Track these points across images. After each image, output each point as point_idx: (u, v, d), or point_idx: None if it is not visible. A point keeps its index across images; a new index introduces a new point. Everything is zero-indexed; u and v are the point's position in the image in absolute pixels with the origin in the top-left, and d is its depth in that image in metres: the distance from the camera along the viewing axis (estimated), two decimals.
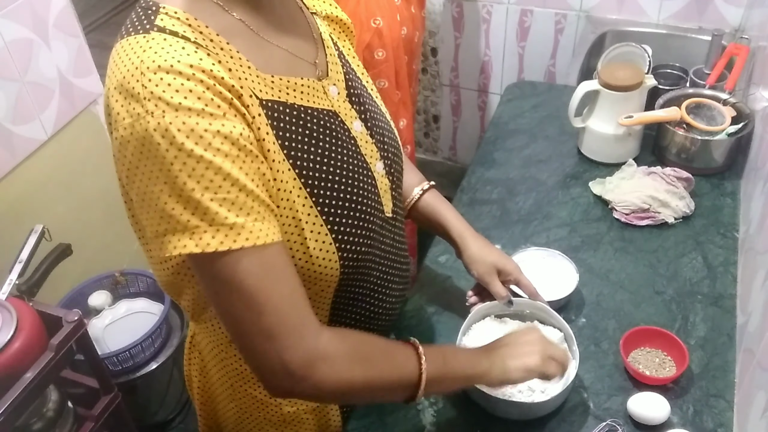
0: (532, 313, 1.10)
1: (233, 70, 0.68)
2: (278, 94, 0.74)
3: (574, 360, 1.01)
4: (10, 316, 1.28)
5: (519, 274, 1.08)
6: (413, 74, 1.91)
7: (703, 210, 1.39)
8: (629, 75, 1.44)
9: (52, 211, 1.79)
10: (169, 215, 0.65)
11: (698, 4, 1.94)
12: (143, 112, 0.62)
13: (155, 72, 0.63)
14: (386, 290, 0.95)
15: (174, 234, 0.65)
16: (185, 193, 0.64)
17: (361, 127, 0.85)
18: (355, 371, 0.75)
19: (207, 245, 0.64)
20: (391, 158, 0.90)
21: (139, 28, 0.67)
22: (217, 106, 0.64)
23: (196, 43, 0.67)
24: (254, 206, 0.67)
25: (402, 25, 1.75)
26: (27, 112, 1.68)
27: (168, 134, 0.62)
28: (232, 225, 0.65)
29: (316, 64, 0.81)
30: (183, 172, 0.63)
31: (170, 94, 0.62)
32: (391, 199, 0.90)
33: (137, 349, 1.77)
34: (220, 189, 0.64)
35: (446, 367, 0.83)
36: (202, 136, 0.63)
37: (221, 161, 0.64)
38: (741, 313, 1.15)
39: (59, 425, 1.44)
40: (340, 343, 0.75)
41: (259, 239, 0.66)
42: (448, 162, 2.78)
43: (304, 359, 0.70)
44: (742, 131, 1.44)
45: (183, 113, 0.62)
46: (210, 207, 0.64)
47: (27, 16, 1.63)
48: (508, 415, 1.01)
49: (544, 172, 1.53)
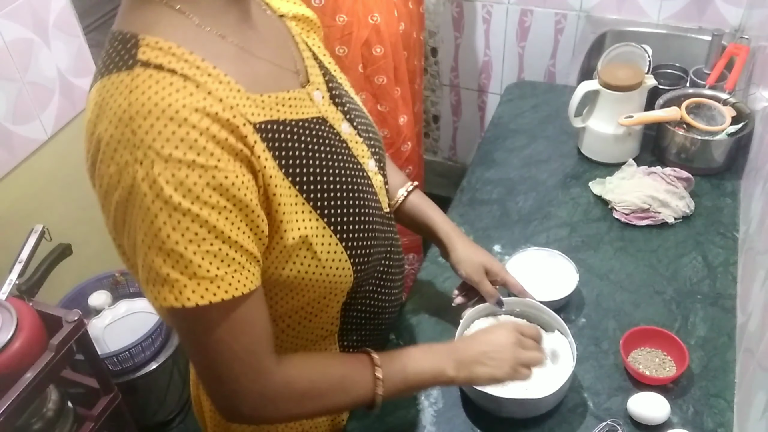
0: (522, 312, 1.10)
1: (224, 100, 0.65)
2: (270, 113, 0.72)
3: (572, 355, 1.01)
4: (10, 316, 1.28)
5: (505, 274, 1.09)
6: (415, 70, 1.91)
7: (703, 210, 1.38)
8: (629, 75, 1.44)
9: (52, 211, 1.79)
10: (150, 266, 0.64)
11: (698, 4, 1.94)
12: (131, 160, 0.60)
13: (145, 117, 0.60)
14: (390, 283, 0.96)
15: (155, 285, 0.65)
16: (167, 245, 0.62)
17: (349, 128, 0.84)
18: (306, 407, 0.79)
19: (187, 299, 0.64)
20: (379, 153, 0.90)
21: (121, 65, 0.64)
22: (210, 154, 0.62)
23: (183, 75, 0.63)
24: (236, 257, 0.66)
25: (400, 21, 1.75)
26: (27, 112, 1.68)
27: (156, 186, 0.60)
28: (213, 278, 0.64)
29: (297, 71, 0.80)
30: (167, 225, 0.62)
31: (160, 143, 0.60)
32: (386, 194, 0.91)
33: (137, 349, 1.77)
34: (203, 242, 0.63)
35: (406, 382, 0.85)
36: (191, 190, 0.61)
37: (208, 214, 0.63)
38: (741, 313, 1.15)
39: (59, 425, 1.45)
40: (292, 384, 0.77)
41: (237, 291, 0.66)
42: (448, 162, 2.78)
43: (254, 402, 0.74)
44: (742, 131, 1.44)
45: (173, 165, 0.60)
46: (192, 260, 0.63)
47: (27, 16, 1.63)
48: (508, 414, 1.01)
49: (544, 172, 1.53)
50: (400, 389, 0.84)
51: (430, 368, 0.86)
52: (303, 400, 0.78)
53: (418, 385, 0.89)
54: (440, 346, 0.91)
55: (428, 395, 1.07)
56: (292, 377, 0.77)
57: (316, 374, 0.80)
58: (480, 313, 1.09)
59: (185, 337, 0.71)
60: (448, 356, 0.88)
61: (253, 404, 0.74)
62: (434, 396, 1.07)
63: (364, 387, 0.82)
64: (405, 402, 1.06)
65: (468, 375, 0.88)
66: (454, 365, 0.87)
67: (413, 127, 1.92)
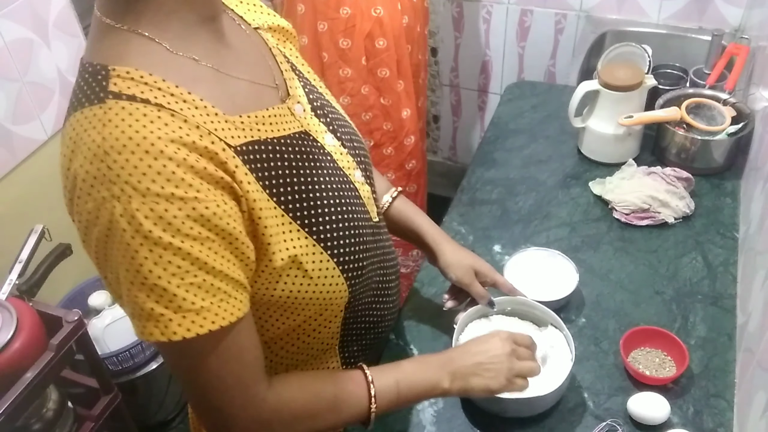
0: (514, 310, 1.10)
1: (201, 126, 0.63)
2: (250, 134, 0.70)
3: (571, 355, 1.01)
4: (10, 316, 1.28)
5: (495, 274, 1.09)
6: (419, 64, 1.92)
7: (703, 210, 1.38)
8: (629, 75, 1.44)
9: (52, 211, 1.79)
10: (134, 302, 0.63)
11: (698, 4, 1.94)
12: (108, 196, 0.59)
13: (120, 152, 0.58)
14: (386, 291, 0.95)
15: (140, 320, 0.64)
16: (150, 281, 0.61)
17: (333, 140, 0.83)
18: (300, 429, 0.79)
19: (173, 334, 0.63)
20: (364, 162, 0.89)
21: (93, 98, 0.62)
22: (188, 186, 0.60)
23: (157, 104, 0.61)
24: (221, 286, 0.65)
25: (403, 15, 1.76)
26: (27, 112, 1.68)
27: (134, 221, 0.59)
28: (198, 310, 0.63)
29: (276, 85, 0.79)
30: (149, 260, 0.60)
31: (137, 178, 0.58)
32: (374, 204, 0.89)
33: (137, 349, 1.77)
34: (187, 274, 0.62)
35: (400, 397, 0.84)
36: (171, 223, 0.60)
37: (190, 246, 0.61)
38: (741, 313, 1.15)
39: (59, 425, 1.44)
40: (284, 408, 0.77)
41: (224, 320, 0.65)
42: (448, 162, 2.78)
43: (247, 427, 0.73)
44: (742, 131, 1.44)
45: (151, 199, 0.59)
46: (177, 294, 0.62)
47: (27, 16, 1.63)
48: (509, 413, 1.01)
49: (544, 172, 1.53)
50: (394, 404, 0.84)
51: (424, 381, 0.86)
52: (296, 422, 0.78)
53: (413, 399, 0.88)
54: (434, 358, 0.90)
55: None
56: (284, 401, 0.77)
57: (308, 395, 0.79)
58: (473, 315, 1.09)
59: (175, 369, 0.70)
60: (442, 368, 0.87)
61: (246, 430, 0.74)
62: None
63: (357, 405, 0.81)
64: None
65: (463, 386, 0.87)
66: (448, 377, 0.87)
67: (416, 122, 1.93)
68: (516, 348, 0.92)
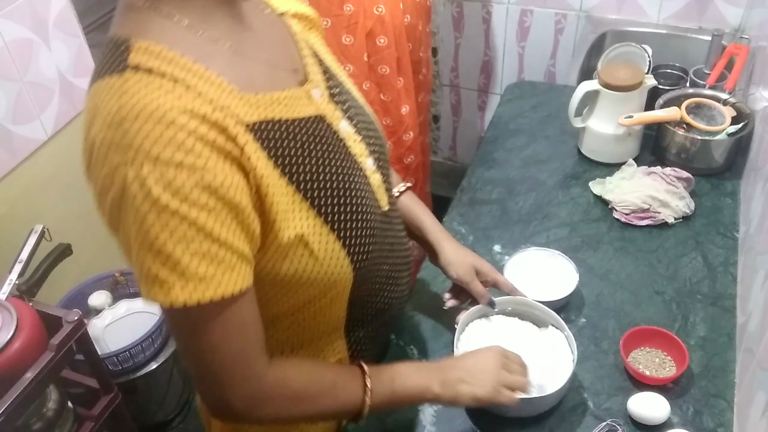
0: (514, 310, 1.10)
1: (214, 100, 0.66)
2: (264, 113, 0.72)
3: (572, 355, 1.01)
4: (10, 316, 1.28)
5: (496, 274, 1.10)
6: (422, 61, 1.93)
7: (703, 210, 1.39)
8: (629, 75, 1.44)
9: (52, 211, 1.79)
10: (141, 265, 0.65)
11: (698, 4, 1.94)
12: (122, 161, 0.61)
13: (134, 120, 0.61)
14: (396, 280, 0.96)
15: (146, 284, 0.66)
16: (156, 245, 0.63)
17: (347, 127, 0.84)
18: (296, 409, 0.80)
19: (176, 298, 0.65)
20: (378, 152, 0.90)
21: (113, 68, 0.65)
22: (197, 155, 0.62)
23: (173, 77, 0.64)
24: (226, 256, 0.66)
25: (405, 13, 1.78)
26: (27, 112, 1.68)
27: (144, 187, 0.61)
28: (202, 277, 0.65)
29: (296, 69, 0.80)
30: (156, 225, 0.62)
31: (149, 144, 0.61)
32: (385, 193, 0.91)
33: (137, 349, 1.77)
34: (192, 242, 0.64)
35: (393, 396, 0.86)
36: (179, 190, 0.62)
37: (196, 214, 0.63)
38: (741, 313, 1.15)
39: (59, 425, 1.44)
40: (284, 385, 0.78)
41: (227, 290, 0.67)
42: (448, 162, 2.78)
43: (246, 401, 0.75)
44: (742, 131, 1.44)
45: (161, 166, 0.61)
46: (181, 260, 0.64)
47: (27, 16, 1.63)
48: (510, 413, 1.01)
49: (544, 172, 1.53)
50: (386, 402, 0.86)
51: (416, 384, 0.88)
52: (294, 402, 0.79)
53: (405, 400, 0.90)
54: (428, 365, 0.95)
55: None
56: (283, 379, 0.78)
57: (307, 377, 0.81)
58: (473, 315, 1.09)
59: (177, 336, 0.72)
60: (434, 375, 0.90)
61: (244, 405, 0.75)
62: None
63: (353, 394, 0.83)
64: None
65: (452, 393, 0.89)
66: (439, 384, 0.88)
67: (416, 117, 1.94)
68: (506, 362, 0.94)
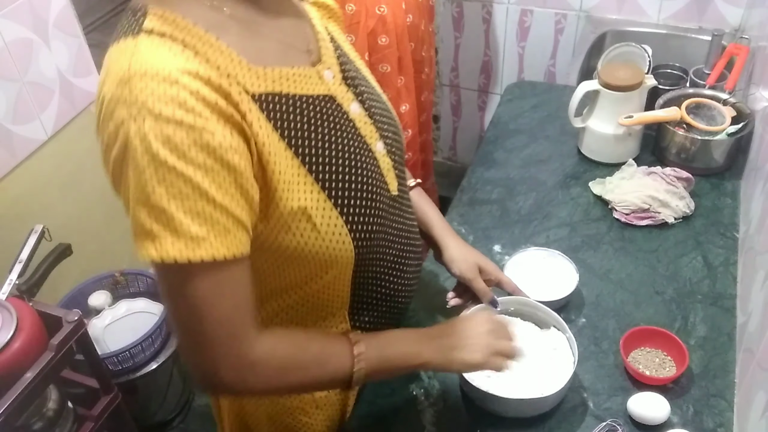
0: (517, 310, 1.10)
1: (221, 67, 0.68)
2: (272, 86, 0.74)
3: (573, 357, 1.01)
4: (10, 316, 1.28)
5: (499, 273, 1.10)
6: (424, 60, 1.93)
7: (703, 210, 1.39)
8: (629, 75, 1.44)
9: (52, 211, 1.79)
10: (137, 219, 0.66)
11: (698, 4, 1.94)
12: (127, 117, 0.64)
13: (141, 78, 0.64)
14: (403, 267, 0.96)
15: (139, 238, 0.67)
16: (152, 199, 0.64)
17: (359, 109, 0.85)
18: (284, 378, 0.80)
19: (166, 253, 0.66)
20: (390, 138, 0.91)
21: (129, 32, 0.68)
22: (198, 114, 0.64)
23: (183, 42, 0.67)
24: (220, 219, 0.67)
25: (407, 13, 1.78)
26: (27, 112, 1.68)
27: (145, 141, 0.63)
28: (194, 236, 0.66)
29: (309, 50, 0.82)
30: (154, 179, 0.64)
31: (152, 101, 0.63)
32: (395, 177, 0.91)
33: (137, 349, 1.77)
34: (187, 199, 0.65)
35: (383, 362, 0.85)
36: (178, 146, 0.63)
37: (193, 172, 0.64)
38: (741, 313, 1.15)
39: (59, 425, 1.44)
40: (273, 354, 0.78)
41: (218, 253, 0.67)
42: (448, 162, 2.78)
43: (234, 369, 0.74)
44: (742, 131, 1.44)
45: (162, 122, 0.63)
46: (175, 216, 0.65)
47: (27, 16, 1.63)
48: (510, 413, 1.01)
49: (544, 172, 1.53)
50: (376, 369, 0.85)
51: (407, 351, 0.88)
52: (283, 371, 0.79)
53: (395, 366, 0.88)
54: (419, 331, 0.92)
55: (428, 395, 1.07)
56: (272, 347, 0.78)
57: (296, 346, 0.81)
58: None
59: (167, 295, 0.71)
60: (425, 341, 0.89)
61: (232, 373, 0.74)
62: (434, 396, 1.07)
63: (341, 362, 0.82)
64: (405, 402, 1.06)
65: (442, 359, 0.89)
66: (431, 350, 0.88)
67: (416, 116, 1.94)
68: (495, 328, 0.92)
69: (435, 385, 1.09)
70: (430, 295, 1.25)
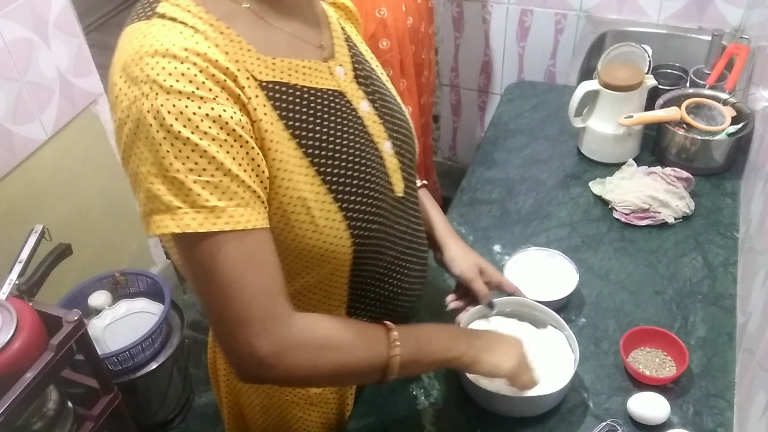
0: (514, 311, 1.10)
1: (230, 53, 0.70)
2: (280, 76, 0.75)
3: (574, 355, 1.01)
4: (10, 316, 1.28)
5: (499, 276, 1.10)
6: (424, 63, 1.93)
7: (703, 210, 1.39)
8: (629, 75, 1.44)
9: (52, 211, 1.79)
10: (154, 195, 0.66)
11: (698, 4, 1.94)
12: (139, 94, 0.65)
13: (152, 56, 0.65)
14: (404, 270, 0.96)
15: (158, 214, 0.67)
16: (170, 174, 0.65)
17: (368, 107, 0.85)
18: (324, 359, 0.77)
19: (187, 226, 0.66)
20: (400, 139, 0.91)
21: (142, 16, 0.71)
22: (208, 89, 0.66)
23: (194, 27, 0.69)
24: (238, 191, 0.68)
25: (407, 16, 1.78)
26: (27, 112, 1.68)
27: (159, 116, 0.64)
28: (213, 208, 0.66)
29: (322, 46, 0.83)
30: (170, 154, 0.65)
31: (163, 77, 0.64)
32: (402, 179, 0.91)
33: (137, 349, 1.77)
34: (204, 172, 0.66)
35: (419, 353, 0.85)
36: (191, 119, 0.65)
37: (207, 144, 0.65)
38: (741, 313, 1.15)
39: (59, 425, 1.44)
40: (311, 332, 0.77)
41: (239, 224, 0.68)
42: (448, 162, 2.78)
43: (273, 346, 0.72)
44: (742, 131, 1.44)
45: (174, 96, 0.64)
46: (192, 189, 0.66)
47: (27, 16, 1.63)
48: (510, 412, 1.01)
49: (544, 172, 1.53)
50: (412, 359, 0.83)
51: (442, 341, 0.88)
52: (322, 350, 0.77)
53: (429, 358, 0.87)
54: (454, 328, 0.93)
55: (428, 395, 1.07)
56: (309, 326, 0.77)
57: (332, 327, 0.79)
58: (473, 316, 1.09)
59: (193, 274, 0.70)
60: (461, 336, 0.90)
61: (271, 350, 0.72)
62: (434, 396, 1.07)
63: (379, 347, 0.81)
64: (405, 402, 1.06)
65: (475, 356, 0.88)
66: (463, 344, 0.88)
67: (417, 119, 1.95)
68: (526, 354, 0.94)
69: (435, 385, 1.09)
70: (430, 295, 1.24)
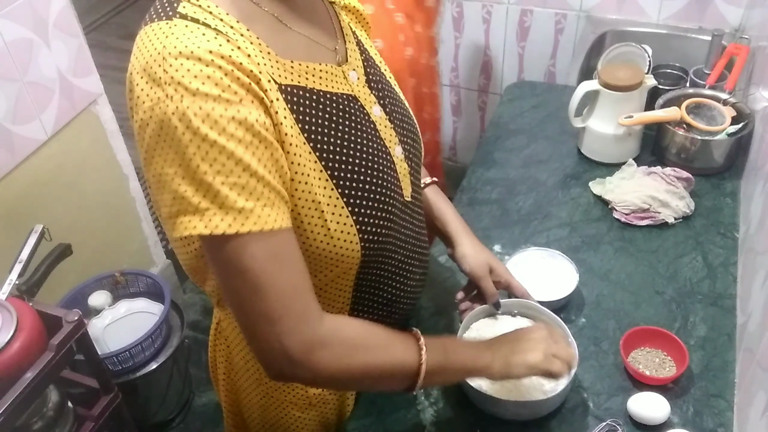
0: (520, 313, 1.10)
1: (252, 56, 0.70)
2: (297, 79, 0.75)
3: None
4: (10, 316, 1.28)
5: (510, 277, 1.09)
6: (425, 98, 1.75)
7: (703, 210, 1.39)
8: (629, 75, 1.44)
9: (52, 211, 1.79)
10: (182, 197, 0.67)
11: (698, 4, 1.94)
12: (163, 96, 0.65)
13: (176, 58, 0.65)
14: (407, 274, 0.96)
15: (185, 215, 0.67)
16: (197, 175, 0.66)
17: (380, 112, 0.86)
18: (354, 359, 0.77)
19: (215, 227, 0.66)
20: (410, 144, 0.92)
21: (163, 15, 0.70)
22: (233, 92, 0.66)
23: (216, 29, 0.69)
24: (264, 192, 0.68)
25: (406, 46, 1.62)
26: (27, 112, 1.68)
27: (185, 118, 0.64)
28: (241, 209, 0.67)
29: (336, 50, 0.83)
30: (197, 156, 0.65)
31: (189, 79, 0.64)
32: (410, 184, 0.91)
33: (137, 349, 1.77)
34: (231, 173, 0.66)
35: (447, 360, 0.84)
36: (217, 122, 0.65)
37: (234, 146, 0.66)
38: (741, 313, 1.15)
39: (59, 425, 1.44)
40: (341, 331, 0.77)
41: (267, 224, 0.68)
42: (448, 162, 2.77)
43: (304, 345, 0.73)
44: (742, 131, 1.44)
45: (200, 98, 0.64)
46: (220, 190, 0.66)
47: (27, 16, 1.63)
48: (510, 416, 1.01)
49: (544, 172, 1.53)
50: (440, 368, 0.83)
51: (468, 351, 0.88)
52: (351, 350, 0.77)
53: (456, 369, 0.87)
54: (476, 341, 0.95)
55: (428, 395, 1.07)
56: (339, 326, 0.77)
57: (363, 329, 0.80)
58: (478, 315, 1.09)
59: (224, 275, 0.71)
60: (485, 346, 0.90)
61: (302, 349, 0.72)
62: (434, 396, 1.07)
63: (409, 352, 0.81)
64: (405, 402, 1.06)
65: (503, 362, 0.88)
66: (489, 353, 0.88)
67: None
68: (552, 334, 0.94)
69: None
70: (431, 294, 1.24)
